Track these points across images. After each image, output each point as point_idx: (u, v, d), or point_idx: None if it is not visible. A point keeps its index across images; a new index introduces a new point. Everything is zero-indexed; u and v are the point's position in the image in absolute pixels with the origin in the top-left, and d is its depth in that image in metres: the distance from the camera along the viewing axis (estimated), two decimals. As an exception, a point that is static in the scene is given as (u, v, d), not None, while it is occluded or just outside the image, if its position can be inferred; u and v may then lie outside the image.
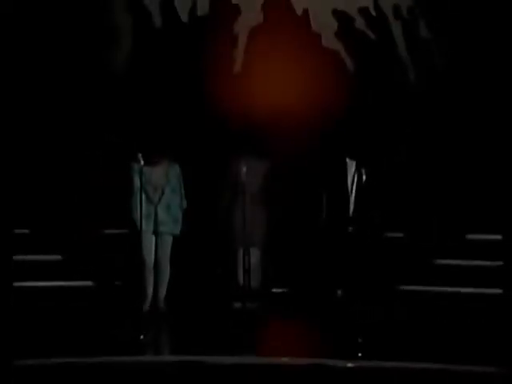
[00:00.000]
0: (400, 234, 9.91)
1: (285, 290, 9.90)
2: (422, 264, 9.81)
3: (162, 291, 8.87)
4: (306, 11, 10.09)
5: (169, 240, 8.78)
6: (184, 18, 10.36)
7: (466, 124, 10.04)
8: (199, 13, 10.30)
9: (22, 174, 10.28)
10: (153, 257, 8.80)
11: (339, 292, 9.51)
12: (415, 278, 9.60)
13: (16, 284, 9.39)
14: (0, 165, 10.12)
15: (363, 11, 10.14)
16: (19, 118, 10.37)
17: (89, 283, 9.67)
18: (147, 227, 8.54)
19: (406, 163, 9.74)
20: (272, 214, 9.48)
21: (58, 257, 9.69)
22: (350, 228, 9.42)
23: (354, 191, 9.36)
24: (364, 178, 9.24)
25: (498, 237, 9.41)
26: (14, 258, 9.49)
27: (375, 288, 9.41)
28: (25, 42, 10.45)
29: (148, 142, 9.03)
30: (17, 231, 9.76)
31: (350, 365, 7.00)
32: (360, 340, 7.79)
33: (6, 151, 10.34)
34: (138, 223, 8.41)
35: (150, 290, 8.79)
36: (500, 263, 9.34)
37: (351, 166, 9.34)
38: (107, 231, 9.79)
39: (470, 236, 9.74)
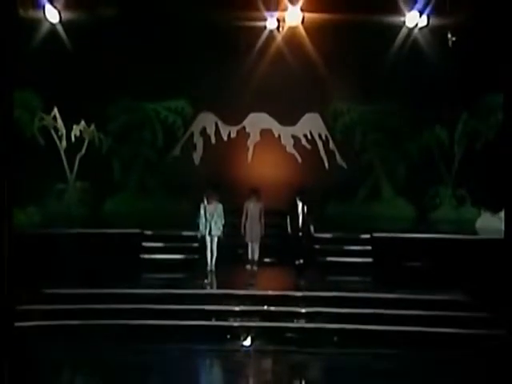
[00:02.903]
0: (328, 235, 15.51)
1: (271, 259, 15.23)
2: (333, 248, 15.44)
3: (213, 261, 14.32)
4: (279, 135, 18.49)
5: (216, 238, 14.28)
6: (225, 138, 18.42)
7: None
8: (232, 135, 18.41)
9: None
10: (209, 246, 14.31)
11: (296, 261, 14.27)
12: (328, 254, 15.25)
13: (148, 256, 15.03)
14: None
15: (305, 135, 18.48)
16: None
17: (183, 256, 15.28)
18: (207, 232, 14.31)
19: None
20: (263, 226, 14.41)
21: (170, 244, 15.37)
22: (300, 232, 14.21)
23: (300, 216, 14.17)
24: (305, 210, 14.20)
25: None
26: (148, 244, 15.00)
27: (312, 259, 14.75)
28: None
29: (209, 196, 14.23)
30: (146, 232, 15.59)
31: (299, 294, 12.17)
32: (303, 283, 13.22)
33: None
34: (204, 231, 14.33)
35: (209, 260, 14.36)
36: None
37: (299, 204, 14.26)
38: (186, 233, 15.57)
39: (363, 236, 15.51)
